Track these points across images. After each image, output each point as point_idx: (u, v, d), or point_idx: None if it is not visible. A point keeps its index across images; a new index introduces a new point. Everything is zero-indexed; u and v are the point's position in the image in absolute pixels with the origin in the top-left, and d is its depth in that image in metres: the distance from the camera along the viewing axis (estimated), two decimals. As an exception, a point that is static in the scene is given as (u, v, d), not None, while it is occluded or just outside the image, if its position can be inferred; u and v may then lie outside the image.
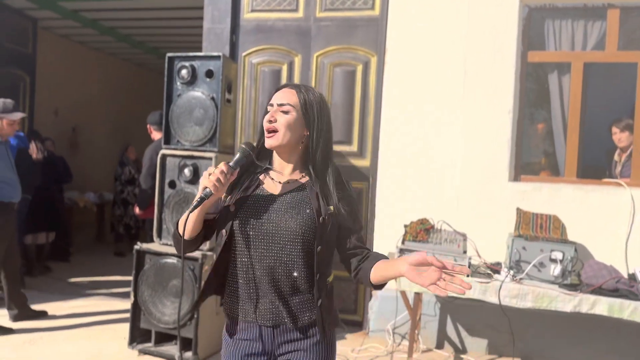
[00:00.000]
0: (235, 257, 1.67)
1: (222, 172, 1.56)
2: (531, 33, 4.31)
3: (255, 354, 1.67)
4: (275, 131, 1.63)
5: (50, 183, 6.28)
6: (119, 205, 7.51)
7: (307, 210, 1.62)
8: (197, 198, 1.57)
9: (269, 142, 1.64)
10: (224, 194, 1.67)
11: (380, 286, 1.64)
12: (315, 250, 1.60)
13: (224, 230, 1.65)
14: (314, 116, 1.65)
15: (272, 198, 1.66)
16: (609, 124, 4.50)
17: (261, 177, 1.71)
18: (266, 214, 1.63)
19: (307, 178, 1.69)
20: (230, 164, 1.62)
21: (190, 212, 1.59)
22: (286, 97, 1.64)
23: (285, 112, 1.63)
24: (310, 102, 1.65)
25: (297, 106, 1.64)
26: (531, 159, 4.77)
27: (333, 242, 1.69)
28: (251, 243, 1.63)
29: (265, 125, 1.65)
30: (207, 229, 1.72)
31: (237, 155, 1.65)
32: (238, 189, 1.68)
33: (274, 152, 1.71)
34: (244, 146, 1.65)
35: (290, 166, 1.71)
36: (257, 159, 1.72)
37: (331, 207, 1.64)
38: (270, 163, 1.73)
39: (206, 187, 1.56)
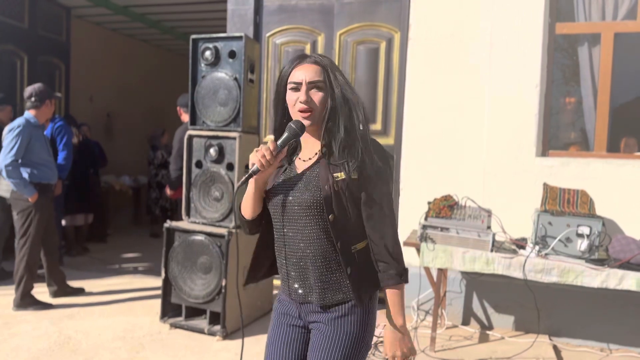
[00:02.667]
0: (273, 238, 1.75)
1: (268, 149, 1.57)
2: (559, 4, 4.19)
3: (292, 315, 1.77)
4: (311, 110, 1.61)
5: (86, 167, 6.51)
6: (154, 188, 7.71)
7: (314, 182, 1.63)
8: (247, 174, 1.61)
9: (307, 122, 1.62)
10: (273, 169, 1.67)
11: None
12: (328, 220, 1.60)
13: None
14: (342, 88, 1.61)
15: (295, 176, 1.68)
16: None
17: (293, 157, 1.74)
18: (287, 192, 1.67)
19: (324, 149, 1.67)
20: (278, 142, 1.61)
21: (240, 185, 1.63)
22: (315, 73, 1.60)
23: (319, 89, 1.60)
24: (335, 75, 1.62)
25: (326, 82, 1.61)
26: (561, 134, 4.68)
27: (352, 209, 1.63)
28: (279, 223, 1.69)
29: (300, 105, 1.61)
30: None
31: (285, 134, 1.62)
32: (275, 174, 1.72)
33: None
34: (292, 125, 1.62)
35: (318, 142, 1.68)
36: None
37: (339, 175, 1.60)
38: (299, 142, 1.74)
39: (254, 164, 1.58)
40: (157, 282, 4.60)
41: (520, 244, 3.62)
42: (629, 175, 3.84)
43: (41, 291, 4.55)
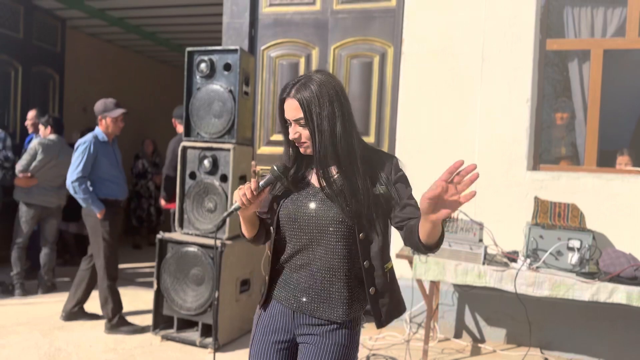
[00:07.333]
0: (282, 248, 1.76)
1: (249, 188, 1.63)
2: (550, 20, 4.27)
3: (279, 330, 1.76)
4: (305, 142, 1.66)
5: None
6: (133, 198, 7.69)
7: (346, 201, 1.62)
8: (228, 211, 1.68)
9: (304, 152, 1.69)
10: (256, 207, 1.71)
11: (433, 245, 1.52)
12: (357, 238, 1.63)
13: (271, 227, 1.77)
14: (318, 124, 1.61)
15: (312, 191, 1.70)
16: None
17: (307, 173, 1.75)
18: (304, 210, 1.68)
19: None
20: (260, 183, 1.68)
21: (222, 220, 1.69)
22: (295, 112, 1.63)
23: (303, 126, 1.63)
24: (310, 111, 1.60)
25: (306, 117, 1.62)
26: (552, 148, 4.74)
27: (379, 226, 1.66)
28: (292, 238, 1.71)
29: (293, 140, 1.67)
30: (268, 225, 1.83)
31: (267, 177, 1.69)
32: (283, 186, 1.74)
33: None
34: (275, 168, 1.69)
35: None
36: (301, 160, 1.74)
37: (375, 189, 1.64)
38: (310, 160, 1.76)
39: (236, 201, 1.65)
40: (149, 293, 4.57)
41: (512, 257, 3.64)
42: (619, 190, 3.89)
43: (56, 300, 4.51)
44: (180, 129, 5.05)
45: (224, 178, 3.89)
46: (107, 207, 4.15)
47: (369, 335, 4.15)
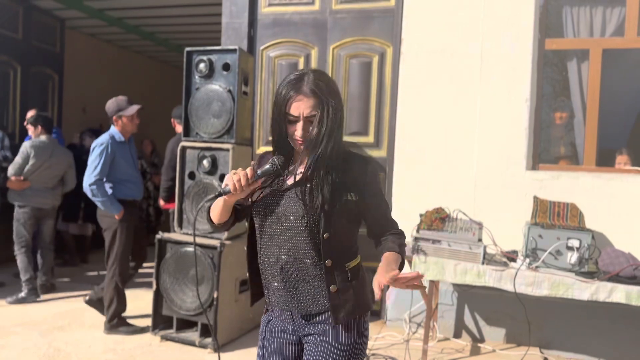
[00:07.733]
0: (257, 247, 1.76)
1: (245, 175, 1.59)
2: (549, 20, 4.27)
3: (285, 332, 1.76)
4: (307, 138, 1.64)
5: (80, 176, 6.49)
6: None
7: (313, 199, 1.63)
8: (218, 192, 1.64)
9: (303, 149, 1.66)
10: (245, 195, 1.68)
11: None
12: (321, 237, 1.62)
13: (247, 224, 1.77)
14: (331, 120, 1.62)
15: (285, 190, 1.69)
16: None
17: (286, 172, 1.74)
18: (275, 205, 1.68)
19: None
20: (258, 171, 1.64)
21: (208, 201, 1.66)
22: (311, 107, 1.61)
23: (313, 122, 1.62)
24: (327, 107, 1.62)
25: (321, 112, 1.62)
26: (551, 148, 4.74)
27: (347, 228, 1.69)
28: (264, 233, 1.71)
29: (298, 138, 1.64)
30: (238, 213, 1.79)
31: (266, 166, 1.65)
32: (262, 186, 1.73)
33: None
34: (275, 160, 1.65)
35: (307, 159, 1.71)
36: (280, 153, 1.72)
37: (348, 195, 1.65)
38: (292, 157, 1.75)
39: (227, 185, 1.61)
40: (149, 293, 4.57)
41: (511, 256, 3.64)
42: (618, 189, 3.88)
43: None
44: (179, 129, 5.05)
45: (223, 178, 3.88)
46: (125, 208, 4.10)
47: (369, 336, 4.14)
